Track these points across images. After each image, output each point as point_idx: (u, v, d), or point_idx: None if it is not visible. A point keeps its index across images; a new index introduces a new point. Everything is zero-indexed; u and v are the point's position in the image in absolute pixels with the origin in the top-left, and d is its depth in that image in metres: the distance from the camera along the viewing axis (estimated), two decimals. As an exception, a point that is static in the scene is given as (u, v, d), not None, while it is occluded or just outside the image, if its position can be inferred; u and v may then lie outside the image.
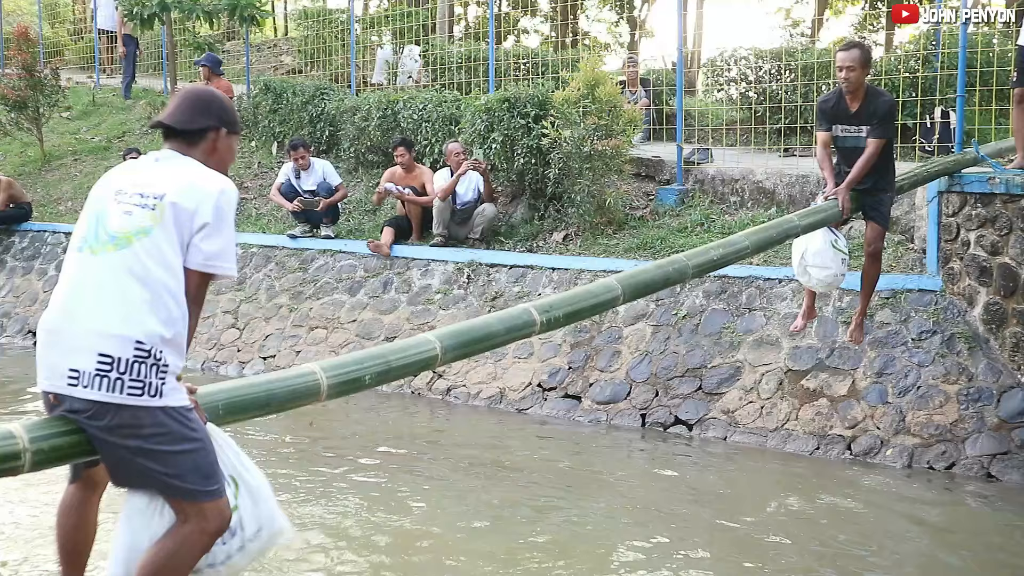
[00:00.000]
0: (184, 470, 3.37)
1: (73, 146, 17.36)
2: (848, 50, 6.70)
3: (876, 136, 6.70)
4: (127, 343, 3.28)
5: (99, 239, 3.44)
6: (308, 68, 17.47)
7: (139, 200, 3.47)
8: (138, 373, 3.29)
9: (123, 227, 3.42)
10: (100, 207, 3.54)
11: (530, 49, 17.47)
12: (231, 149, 3.83)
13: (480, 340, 4.57)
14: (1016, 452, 7.35)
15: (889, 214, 7.06)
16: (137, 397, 3.29)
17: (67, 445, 3.32)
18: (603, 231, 10.61)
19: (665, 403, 8.67)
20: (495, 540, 6.14)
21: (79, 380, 3.28)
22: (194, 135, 3.69)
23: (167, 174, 3.55)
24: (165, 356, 3.34)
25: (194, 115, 3.70)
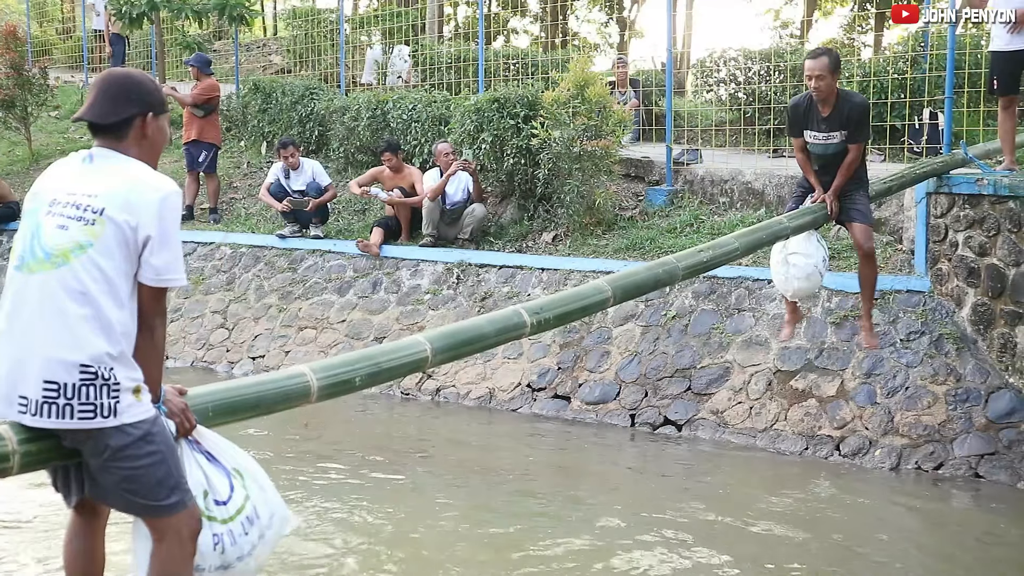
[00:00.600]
0: (148, 486, 3.30)
1: (61, 145, 17.31)
2: (816, 58, 6.55)
3: (855, 141, 6.64)
4: (71, 367, 3.17)
5: (35, 256, 3.28)
6: (297, 68, 17.45)
7: (74, 212, 3.29)
8: (87, 396, 3.18)
9: (58, 243, 3.26)
10: (34, 220, 3.36)
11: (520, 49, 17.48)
12: (162, 130, 3.57)
13: (470, 342, 4.57)
14: (1004, 452, 7.37)
15: (870, 210, 7.00)
16: (90, 420, 3.19)
17: (56, 447, 3.30)
18: (592, 232, 10.62)
19: (654, 403, 8.67)
20: (484, 540, 6.14)
21: (27, 408, 3.17)
22: (120, 126, 3.46)
23: (102, 181, 3.35)
24: (115, 374, 3.22)
25: (116, 105, 3.46)
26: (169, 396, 3.47)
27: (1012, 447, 7.37)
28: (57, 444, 3.29)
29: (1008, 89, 7.98)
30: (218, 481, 3.55)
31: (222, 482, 3.56)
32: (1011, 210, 7.64)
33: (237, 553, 3.54)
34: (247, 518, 3.57)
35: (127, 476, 3.27)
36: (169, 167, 15.09)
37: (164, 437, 3.36)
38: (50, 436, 3.27)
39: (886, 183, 7.64)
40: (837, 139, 6.65)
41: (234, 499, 3.56)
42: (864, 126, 6.66)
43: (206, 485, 3.52)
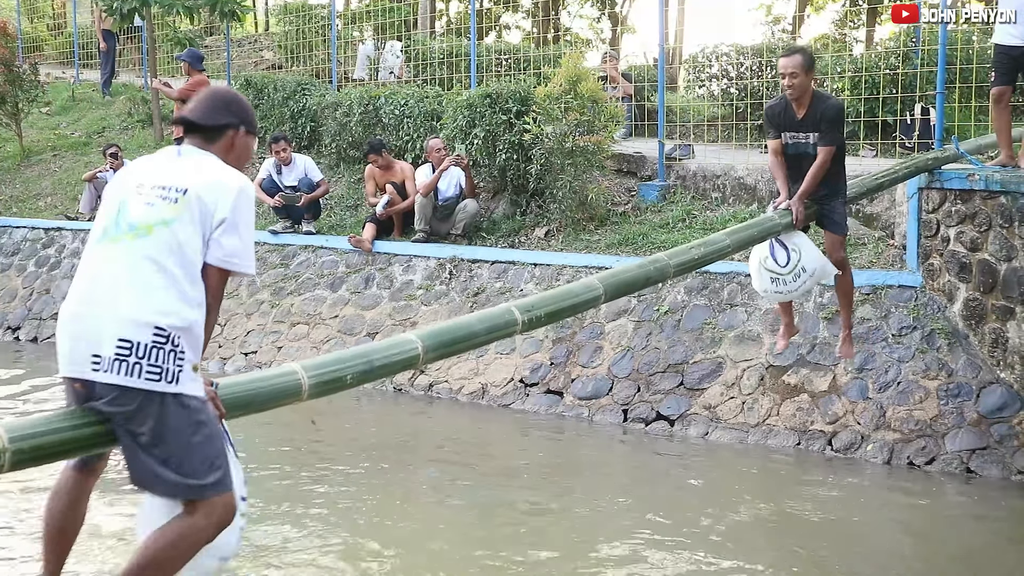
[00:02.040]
0: (194, 461, 3.44)
1: (52, 141, 17.29)
2: (790, 56, 6.39)
3: (825, 143, 6.43)
4: (146, 328, 3.36)
5: (119, 228, 3.51)
6: (289, 63, 17.41)
7: (161, 192, 3.54)
8: (156, 358, 3.36)
9: (144, 217, 3.50)
10: (121, 199, 3.60)
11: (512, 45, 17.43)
12: (248, 148, 3.90)
13: (462, 340, 4.58)
14: (995, 447, 7.39)
15: (845, 221, 6.82)
16: (155, 382, 3.35)
17: (48, 445, 3.31)
18: (585, 227, 10.62)
19: (647, 399, 8.68)
20: (478, 536, 6.14)
21: (100, 365, 3.34)
22: (214, 131, 3.78)
23: (189, 168, 3.63)
24: (183, 342, 3.41)
25: (215, 112, 3.79)
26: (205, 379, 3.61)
27: (1003, 442, 7.38)
28: (50, 442, 3.30)
29: (1001, 82, 7.97)
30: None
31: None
32: (1002, 205, 7.65)
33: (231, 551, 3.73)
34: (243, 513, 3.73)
35: (177, 447, 3.41)
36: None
37: (213, 418, 3.54)
38: (43, 434, 3.29)
39: (878, 179, 7.63)
40: (812, 140, 6.49)
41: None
42: (835, 129, 6.45)
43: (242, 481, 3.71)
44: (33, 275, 13.34)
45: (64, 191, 15.42)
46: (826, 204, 6.67)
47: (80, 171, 15.25)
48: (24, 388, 9.62)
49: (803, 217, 6.56)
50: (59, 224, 13.98)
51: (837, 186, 6.70)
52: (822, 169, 6.47)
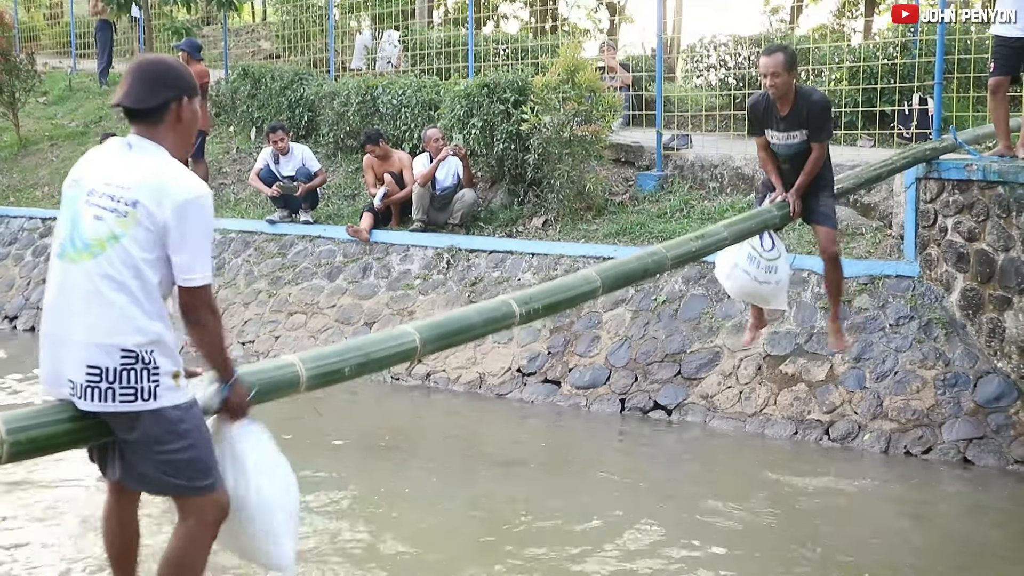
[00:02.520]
0: (181, 467, 3.46)
1: (50, 131, 17.27)
2: (771, 55, 6.30)
3: (818, 140, 6.40)
4: (112, 352, 3.32)
5: (75, 247, 3.43)
6: (286, 53, 17.39)
7: (109, 203, 3.43)
8: (128, 380, 3.33)
9: (95, 234, 3.40)
10: (74, 210, 3.51)
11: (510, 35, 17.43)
12: (196, 113, 3.71)
13: (459, 332, 4.60)
14: (992, 437, 7.41)
15: (834, 213, 6.75)
16: (131, 403, 3.34)
17: (44, 437, 3.33)
18: (583, 217, 10.61)
19: (644, 388, 8.69)
20: (476, 526, 6.16)
21: (75, 391, 3.34)
22: (157, 111, 3.59)
23: (139, 172, 3.47)
24: (155, 357, 3.38)
25: (152, 90, 3.57)
26: (238, 386, 3.64)
27: (1000, 431, 7.40)
28: (46, 434, 3.33)
29: (999, 72, 7.97)
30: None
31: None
32: (1000, 195, 7.65)
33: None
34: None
35: (164, 459, 3.43)
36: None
37: (199, 421, 3.52)
38: (41, 426, 3.33)
39: (876, 169, 7.63)
40: (798, 138, 6.44)
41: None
42: (825, 125, 6.42)
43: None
44: (30, 264, 13.34)
45: (61, 181, 15.07)
46: (813, 199, 6.62)
47: (77, 161, 15.18)
48: (18, 378, 9.61)
49: (799, 209, 6.55)
50: (56, 214, 13.92)
51: (824, 180, 6.65)
52: (818, 164, 6.45)
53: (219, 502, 3.57)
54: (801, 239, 9.03)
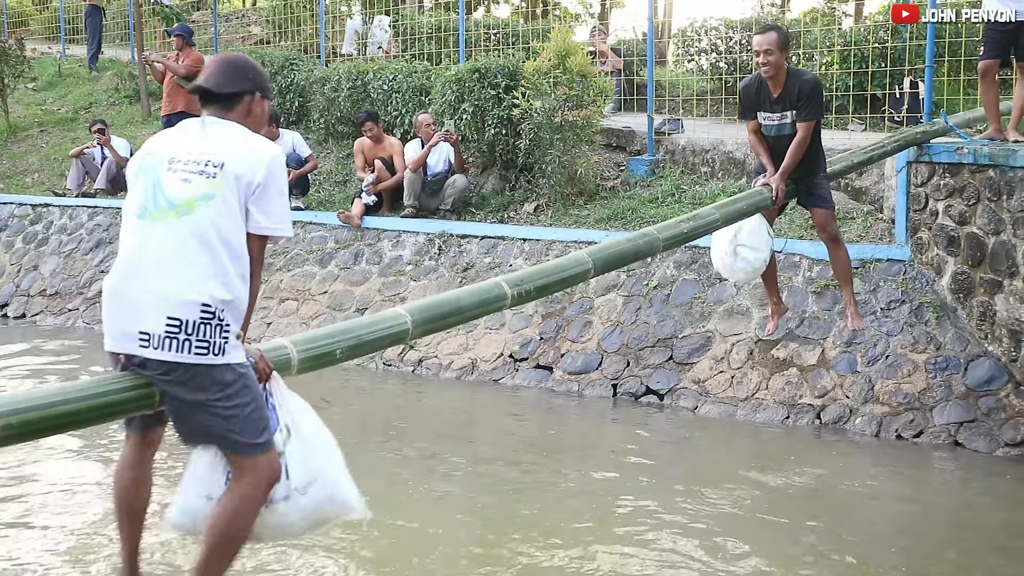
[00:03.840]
0: (241, 423, 3.59)
1: (39, 117, 17.21)
2: (765, 33, 6.31)
3: (805, 119, 6.39)
4: (193, 306, 3.47)
5: (159, 206, 3.58)
6: (277, 39, 17.33)
7: (196, 168, 3.61)
8: (204, 334, 3.48)
9: (184, 194, 3.57)
10: (154, 175, 3.65)
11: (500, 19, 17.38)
12: (265, 112, 3.95)
13: (451, 314, 4.58)
14: (983, 420, 7.43)
15: (830, 195, 6.79)
16: (203, 356, 3.49)
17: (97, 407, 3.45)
18: (574, 202, 10.61)
19: (636, 373, 8.70)
20: (469, 517, 6.16)
21: (150, 342, 3.46)
22: (231, 99, 3.82)
23: (219, 140, 3.69)
24: (227, 317, 3.53)
25: (231, 80, 3.83)
26: (249, 348, 3.74)
27: (991, 415, 7.42)
28: (102, 403, 3.45)
29: (989, 56, 7.96)
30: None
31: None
32: (991, 179, 7.66)
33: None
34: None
35: (229, 413, 3.56)
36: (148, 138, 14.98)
37: (255, 382, 3.68)
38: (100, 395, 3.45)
39: (867, 153, 7.64)
40: (789, 119, 6.44)
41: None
42: (813, 104, 6.40)
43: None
44: (21, 251, 13.30)
45: (51, 167, 15.36)
46: (806, 182, 6.64)
47: (67, 147, 15.19)
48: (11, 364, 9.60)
49: (783, 195, 6.55)
50: (46, 200, 13.92)
51: (816, 162, 6.66)
52: (803, 145, 6.44)
53: (273, 461, 3.69)
54: (792, 223, 9.04)
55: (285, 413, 3.80)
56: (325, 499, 3.83)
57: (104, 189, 13.63)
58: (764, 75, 6.39)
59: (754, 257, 6.66)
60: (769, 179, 6.53)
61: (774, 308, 7.33)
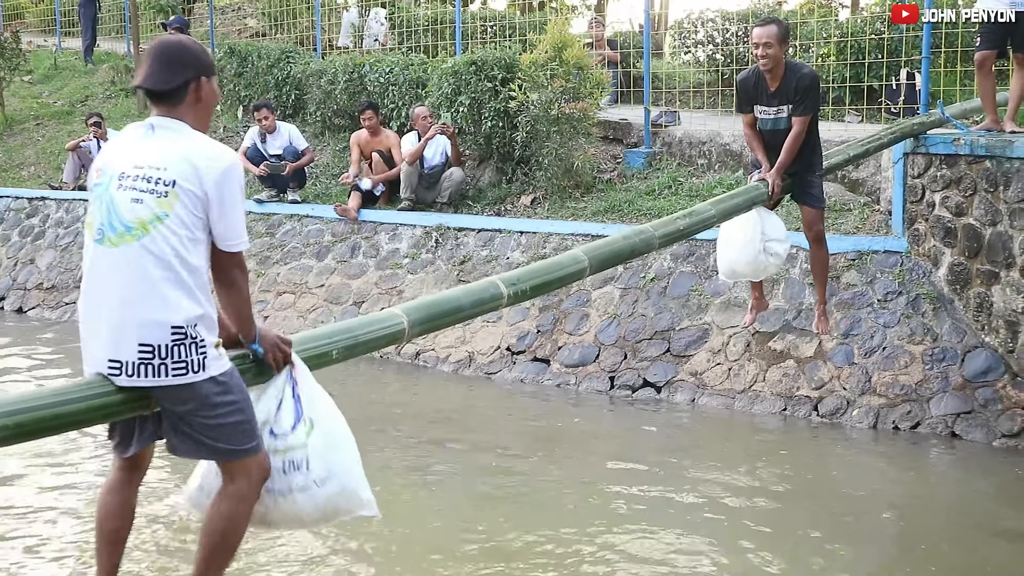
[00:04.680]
0: (228, 432, 3.58)
1: (35, 110, 17.17)
2: (765, 26, 6.28)
3: (800, 114, 6.36)
4: (163, 329, 3.43)
5: (115, 230, 3.50)
6: (273, 31, 17.30)
7: (146, 185, 3.51)
8: (178, 355, 3.45)
9: (137, 216, 3.48)
10: (107, 196, 3.56)
11: (497, 12, 17.36)
12: (214, 92, 3.81)
13: (447, 314, 4.59)
14: (980, 411, 7.44)
15: (822, 194, 6.79)
16: (183, 376, 3.46)
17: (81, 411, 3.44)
18: (571, 194, 10.60)
19: (633, 366, 8.70)
20: (468, 512, 6.17)
21: (122, 370, 3.43)
22: (176, 92, 3.67)
23: (168, 152, 3.56)
24: (199, 331, 3.48)
25: (170, 72, 3.66)
26: (263, 332, 3.77)
27: (988, 406, 7.43)
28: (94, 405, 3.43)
29: (985, 47, 7.95)
30: (285, 418, 3.79)
31: (288, 420, 3.79)
32: (987, 170, 7.66)
33: (267, 485, 3.75)
34: (292, 461, 3.76)
35: (216, 423, 3.55)
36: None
37: (242, 387, 3.66)
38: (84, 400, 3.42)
39: (864, 145, 7.64)
40: (785, 113, 6.43)
41: (288, 439, 3.76)
42: (809, 99, 6.36)
43: (271, 417, 3.78)
44: (17, 245, 13.29)
45: (47, 160, 15.33)
46: (801, 178, 6.63)
47: (63, 140, 15.16)
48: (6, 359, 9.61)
49: (780, 190, 6.54)
50: (43, 193, 13.91)
51: (812, 159, 6.65)
52: (798, 140, 6.42)
53: (263, 463, 3.70)
54: (789, 215, 9.03)
55: (309, 405, 3.82)
56: (340, 493, 3.85)
57: (100, 183, 13.59)
58: (763, 68, 6.37)
59: (782, 248, 6.67)
60: (765, 174, 6.52)
61: (755, 302, 7.33)
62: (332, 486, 3.82)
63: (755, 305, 7.34)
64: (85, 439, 7.05)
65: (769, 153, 6.58)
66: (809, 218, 6.75)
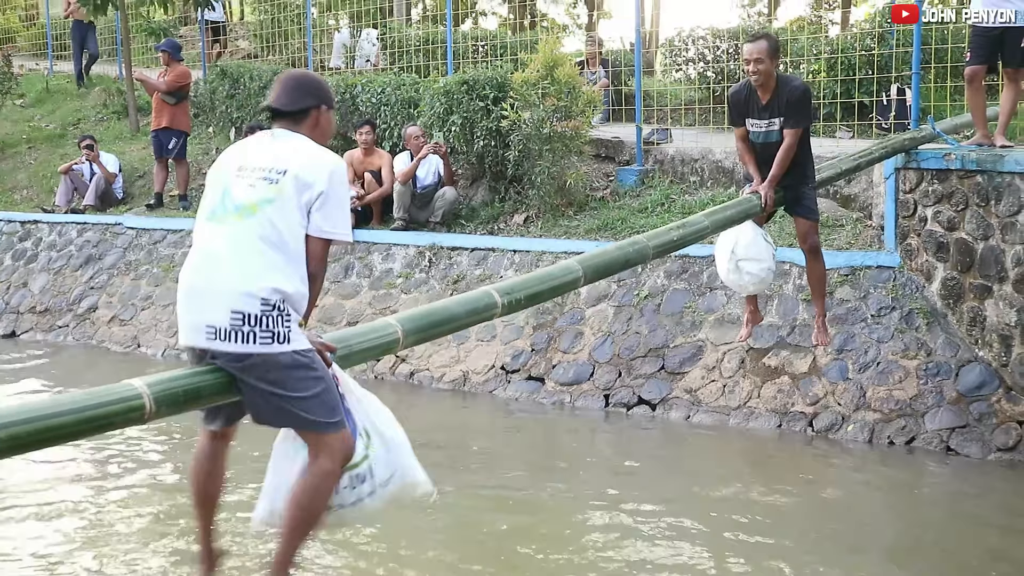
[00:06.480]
0: (312, 404, 3.86)
1: (27, 134, 17.16)
2: (755, 41, 6.33)
3: (792, 127, 6.40)
4: (254, 300, 3.75)
5: (226, 209, 3.90)
6: (265, 53, 17.33)
7: (262, 174, 3.90)
8: (267, 325, 3.76)
9: (248, 198, 3.87)
10: (225, 182, 3.98)
11: (488, 31, 17.41)
12: (331, 122, 4.24)
13: (441, 323, 4.60)
14: (974, 425, 7.44)
15: (816, 206, 6.82)
16: (268, 345, 3.77)
17: (183, 392, 3.70)
18: (564, 213, 10.61)
19: (628, 383, 8.69)
20: (461, 524, 6.15)
21: (216, 335, 3.75)
22: (299, 114, 4.10)
23: (286, 150, 3.97)
24: (288, 307, 3.81)
25: (297, 97, 4.10)
26: (308, 336, 3.97)
27: (982, 420, 7.43)
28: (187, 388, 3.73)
29: (975, 61, 7.99)
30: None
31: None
32: (979, 184, 7.68)
33: (338, 501, 4.04)
34: (357, 475, 4.05)
35: (296, 396, 3.83)
36: (137, 154, 15.00)
37: (322, 365, 3.95)
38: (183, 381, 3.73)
39: (855, 160, 7.66)
40: (777, 126, 6.46)
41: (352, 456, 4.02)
42: (801, 111, 6.41)
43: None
44: (10, 268, 13.26)
45: (40, 184, 15.32)
46: (794, 191, 6.65)
47: (55, 163, 15.15)
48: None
49: (772, 202, 6.56)
50: (35, 217, 13.88)
51: (805, 172, 6.67)
52: (790, 152, 6.45)
53: (346, 438, 3.97)
54: (782, 231, 9.05)
55: (362, 416, 4.08)
56: (402, 487, 4.20)
57: (93, 205, 13.62)
58: (754, 83, 6.42)
59: (758, 268, 6.67)
60: (757, 187, 6.54)
61: (750, 316, 7.34)
62: (395, 482, 4.16)
63: (749, 319, 7.35)
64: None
65: (761, 166, 6.60)
66: (803, 230, 6.77)
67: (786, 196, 6.68)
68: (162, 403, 3.58)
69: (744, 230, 6.61)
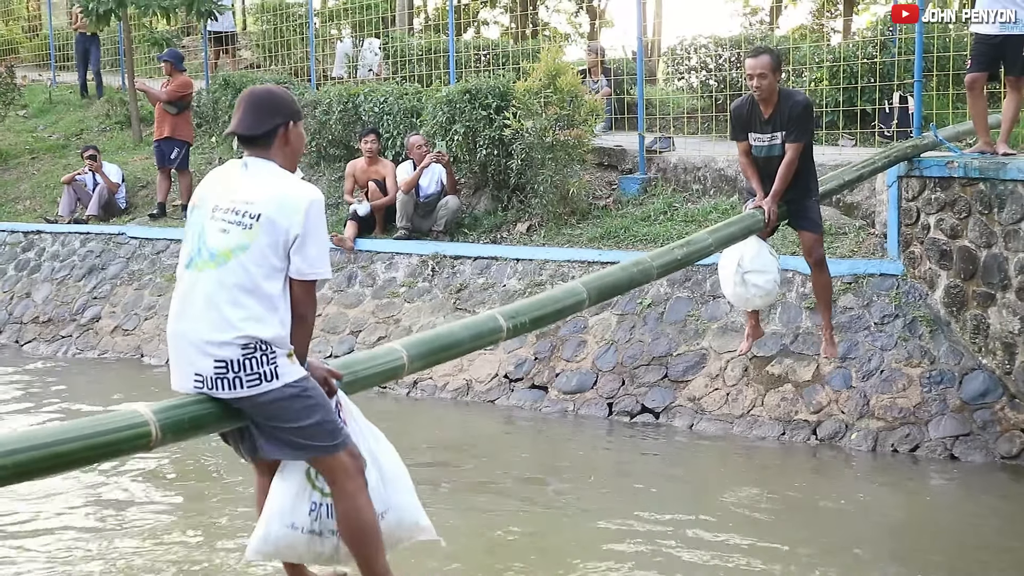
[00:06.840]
0: (312, 432, 3.84)
1: (30, 144, 17.18)
2: (757, 56, 6.35)
3: (793, 141, 6.42)
4: (234, 347, 3.72)
5: (202, 257, 3.83)
6: (267, 62, 17.35)
7: (234, 218, 3.82)
8: (251, 368, 3.73)
9: (221, 245, 3.80)
10: (201, 224, 3.89)
11: (490, 40, 17.43)
12: (301, 136, 4.10)
13: (447, 348, 4.63)
14: (978, 433, 7.43)
15: (820, 218, 6.83)
16: (256, 386, 3.74)
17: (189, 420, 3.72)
18: (567, 221, 10.61)
19: (631, 392, 8.69)
20: (465, 534, 6.14)
21: (204, 383, 3.75)
22: (267, 137, 3.97)
23: (258, 187, 3.87)
24: (270, 344, 3.76)
25: (263, 117, 3.96)
26: (313, 365, 3.99)
27: (986, 427, 7.43)
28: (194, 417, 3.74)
29: (976, 69, 7.99)
30: None
31: None
32: (981, 192, 7.68)
33: (330, 526, 4.02)
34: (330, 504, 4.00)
35: (295, 427, 3.81)
36: (140, 164, 15.02)
37: (318, 390, 3.92)
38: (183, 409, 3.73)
39: (858, 169, 7.66)
40: (779, 140, 6.48)
41: None
42: (803, 126, 6.43)
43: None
44: (13, 279, 13.27)
45: (43, 194, 15.34)
46: (798, 204, 6.66)
47: (58, 174, 15.16)
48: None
49: (775, 217, 6.56)
50: (38, 227, 13.91)
51: (808, 185, 6.69)
52: (792, 166, 6.46)
53: (354, 453, 3.95)
54: (785, 239, 9.04)
55: (363, 442, 4.04)
56: (397, 524, 4.12)
57: (96, 215, 13.64)
58: (757, 97, 6.44)
59: (764, 280, 6.64)
60: (760, 201, 6.55)
61: (751, 330, 7.33)
62: (390, 518, 4.10)
63: (750, 333, 7.34)
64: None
65: (764, 180, 6.61)
66: (808, 243, 6.77)
67: (789, 210, 6.68)
68: (168, 430, 3.61)
69: (748, 243, 6.60)
